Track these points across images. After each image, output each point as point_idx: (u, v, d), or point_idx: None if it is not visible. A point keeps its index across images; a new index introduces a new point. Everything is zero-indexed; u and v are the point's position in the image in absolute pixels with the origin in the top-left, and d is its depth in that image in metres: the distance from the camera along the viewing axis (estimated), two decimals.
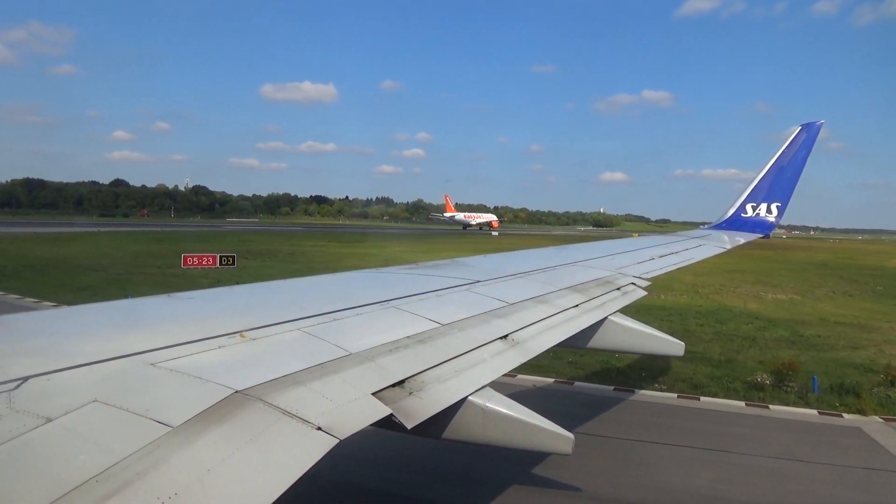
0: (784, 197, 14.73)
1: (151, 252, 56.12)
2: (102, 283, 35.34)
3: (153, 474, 2.20)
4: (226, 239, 79.85)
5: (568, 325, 6.00)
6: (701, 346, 22.38)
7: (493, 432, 4.10)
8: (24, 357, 2.90)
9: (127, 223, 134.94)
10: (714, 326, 27.17)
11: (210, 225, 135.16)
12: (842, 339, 25.13)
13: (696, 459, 12.34)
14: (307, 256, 57.36)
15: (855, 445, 13.57)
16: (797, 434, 14.23)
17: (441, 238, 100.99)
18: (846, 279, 51.34)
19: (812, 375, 17.66)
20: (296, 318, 4.15)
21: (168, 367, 3.01)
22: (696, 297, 36.23)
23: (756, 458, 12.43)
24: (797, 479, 11.63)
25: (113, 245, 64.36)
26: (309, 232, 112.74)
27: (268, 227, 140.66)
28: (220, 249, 51.78)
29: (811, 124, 14.37)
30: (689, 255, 11.75)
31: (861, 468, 12.29)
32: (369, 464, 10.91)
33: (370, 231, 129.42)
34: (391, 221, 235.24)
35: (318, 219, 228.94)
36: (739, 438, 13.68)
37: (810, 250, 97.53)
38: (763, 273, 52.86)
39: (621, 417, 14.98)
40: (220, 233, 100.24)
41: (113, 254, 54.14)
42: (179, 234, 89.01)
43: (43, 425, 2.31)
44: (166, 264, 44.43)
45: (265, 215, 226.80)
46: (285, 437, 2.70)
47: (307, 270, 36.95)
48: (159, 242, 69.72)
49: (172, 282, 36.22)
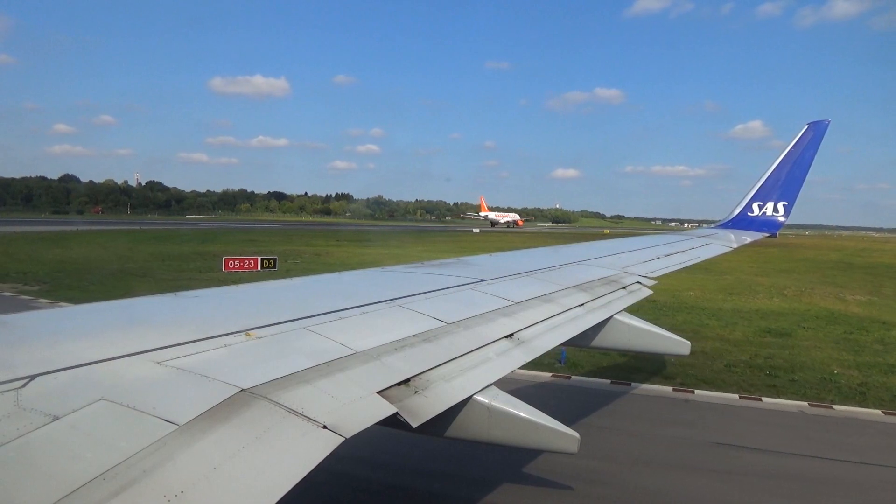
0: (791, 195, 14.65)
1: (171, 254, 52.50)
2: (163, 291, 32.32)
3: (160, 472, 2.20)
4: (227, 238, 76.93)
5: (573, 324, 5.98)
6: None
7: (498, 431, 4.09)
8: (31, 356, 2.92)
9: (97, 221, 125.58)
10: (872, 334, 25.13)
11: (182, 223, 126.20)
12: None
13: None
14: (333, 256, 53.98)
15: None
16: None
17: (441, 236, 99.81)
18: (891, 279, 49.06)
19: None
20: (301, 317, 4.15)
21: (174, 365, 3.02)
22: (789, 301, 33.91)
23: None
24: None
25: (120, 246, 60.13)
26: (297, 230, 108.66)
27: (243, 224, 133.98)
28: (231, 251, 50.13)
29: (818, 123, 14.28)
30: (695, 253, 11.70)
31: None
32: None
33: (366, 230, 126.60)
34: (353, 218, 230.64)
35: (281, 216, 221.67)
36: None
37: (815, 249, 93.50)
38: (802, 272, 51.43)
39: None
40: (210, 231, 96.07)
41: (132, 255, 50.74)
42: (178, 234, 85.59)
43: (50, 423, 2.32)
44: (204, 267, 41.99)
45: (224, 212, 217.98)
46: (291, 436, 2.70)
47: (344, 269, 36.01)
48: (163, 242, 67.22)
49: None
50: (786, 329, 25.28)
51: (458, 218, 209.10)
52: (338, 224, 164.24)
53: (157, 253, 53.97)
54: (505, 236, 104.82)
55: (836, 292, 38.93)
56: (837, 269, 57.19)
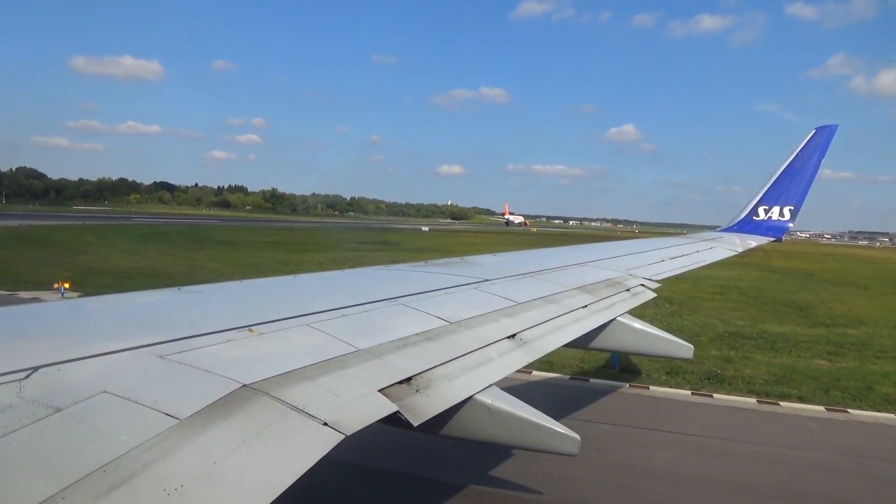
0: (797, 200, 14.59)
1: (216, 256, 45.56)
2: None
3: (160, 466, 2.21)
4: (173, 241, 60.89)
5: (576, 326, 5.97)
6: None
7: (499, 431, 4.09)
8: (34, 347, 2.93)
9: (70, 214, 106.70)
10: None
11: (73, 216, 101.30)
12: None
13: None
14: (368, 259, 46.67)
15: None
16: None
17: (399, 235, 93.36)
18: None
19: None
20: (304, 314, 4.16)
21: (177, 359, 3.03)
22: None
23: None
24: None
25: (132, 247, 50.89)
26: (261, 226, 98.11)
27: (153, 219, 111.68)
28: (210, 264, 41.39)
29: (825, 127, 14.21)
30: (700, 257, 11.68)
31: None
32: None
33: (302, 227, 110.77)
34: (254, 212, 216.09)
35: (177, 208, 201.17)
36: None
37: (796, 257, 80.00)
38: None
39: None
40: (200, 227, 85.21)
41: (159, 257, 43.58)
42: (184, 231, 75.98)
43: (52, 415, 2.33)
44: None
45: (113, 204, 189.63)
46: (292, 432, 2.70)
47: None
48: (170, 240, 58.61)
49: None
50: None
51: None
52: (254, 219, 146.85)
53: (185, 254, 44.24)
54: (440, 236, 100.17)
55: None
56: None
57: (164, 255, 46.26)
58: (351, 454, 10.44)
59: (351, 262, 44.50)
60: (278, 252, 53.39)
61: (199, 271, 37.96)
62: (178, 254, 48.18)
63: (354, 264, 45.53)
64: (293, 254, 51.81)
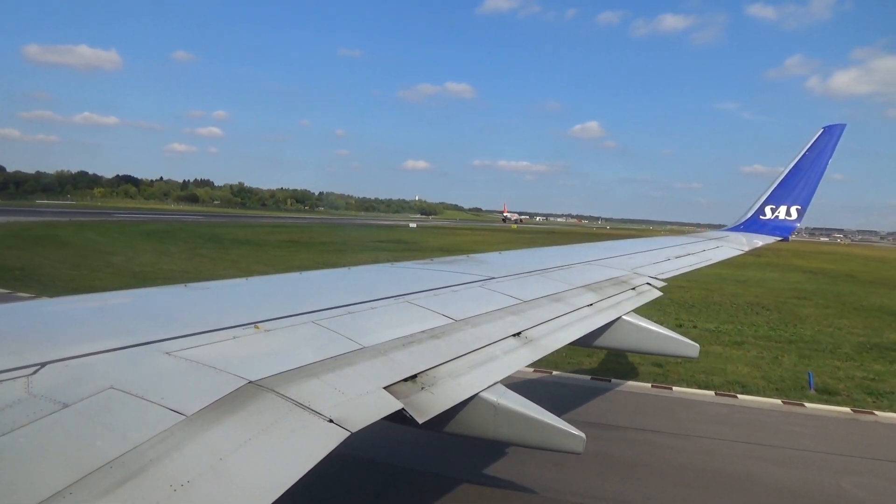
0: (805, 199, 14.49)
1: (253, 257, 43.13)
2: None
3: (167, 461, 2.21)
4: (234, 233, 66.09)
5: (582, 324, 5.96)
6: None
7: (503, 429, 4.08)
8: (41, 343, 2.94)
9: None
10: None
11: (39, 210, 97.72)
12: None
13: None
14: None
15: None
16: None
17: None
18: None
19: None
20: (310, 311, 4.16)
21: (183, 356, 3.04)
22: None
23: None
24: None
25: (159, 249, 47.40)
26: (254, 223, 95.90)
27: (133, 214, 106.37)
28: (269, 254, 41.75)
29: (833, 126, 14.10)
30: (706, 255, 11.63)
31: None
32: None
33: (317, 222, 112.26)
34: (223, 206, 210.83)
35: (143, 203, 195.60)
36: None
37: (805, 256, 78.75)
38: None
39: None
40: (202, 224, 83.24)
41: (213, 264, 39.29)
42: (186, 228, 74.11)
43: (60, 410, 2.34)
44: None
45: (77, 197, 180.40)
46: (297, 429, 2.71)
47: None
48: (184, 239, 55.82)
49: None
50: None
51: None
52: (238, 215, 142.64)
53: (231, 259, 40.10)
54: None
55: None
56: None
57: (196, 257, 43.36)
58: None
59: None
60: (308, 253, 50.70)
61: (252, 276, 35.76)
62: (207, 254, 45.34)
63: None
64: (325, 254, 49.13)
